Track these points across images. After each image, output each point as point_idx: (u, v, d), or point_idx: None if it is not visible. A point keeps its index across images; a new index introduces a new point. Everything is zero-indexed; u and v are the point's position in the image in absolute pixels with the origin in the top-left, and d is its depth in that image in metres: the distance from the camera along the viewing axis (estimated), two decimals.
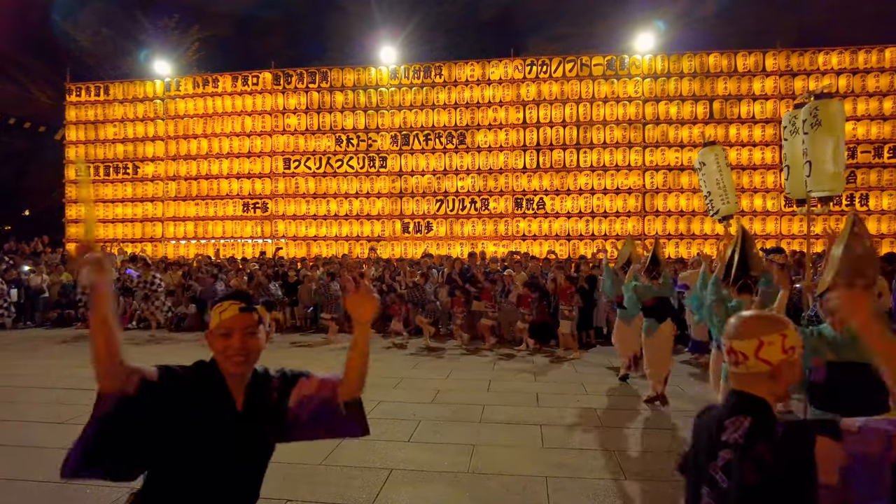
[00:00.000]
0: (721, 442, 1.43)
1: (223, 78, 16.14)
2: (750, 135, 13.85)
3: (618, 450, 5.01)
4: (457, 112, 14.95)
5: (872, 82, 13.58)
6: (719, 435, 1.44)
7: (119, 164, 16.45)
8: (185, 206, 16.19)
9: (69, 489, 4.15)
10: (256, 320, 1.79)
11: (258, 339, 1.79)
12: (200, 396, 1.74)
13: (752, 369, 1.47)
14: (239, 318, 1.76)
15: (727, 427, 1.43)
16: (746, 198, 13.68)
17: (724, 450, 1.42)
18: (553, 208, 14.58)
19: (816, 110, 4.92)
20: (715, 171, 6.53)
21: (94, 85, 16.87)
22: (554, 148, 14.55)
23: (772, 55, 13.93)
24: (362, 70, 15.49)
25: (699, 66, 14.18)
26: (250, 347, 1.76)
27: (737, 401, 1.49)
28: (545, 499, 4.03)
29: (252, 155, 15.82)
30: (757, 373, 1.47)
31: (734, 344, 1.50)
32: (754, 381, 1.48)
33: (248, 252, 15.48)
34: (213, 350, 1.78)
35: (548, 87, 14.65)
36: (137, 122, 16.44)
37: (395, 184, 15.22)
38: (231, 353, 1.73)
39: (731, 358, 1.51)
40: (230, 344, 1.73)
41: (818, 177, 4.99)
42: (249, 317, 1.78)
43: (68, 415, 5.72)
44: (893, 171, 13.46)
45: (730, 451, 1.40)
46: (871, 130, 13.55)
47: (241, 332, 1.74)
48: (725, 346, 1.54)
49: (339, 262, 13.27)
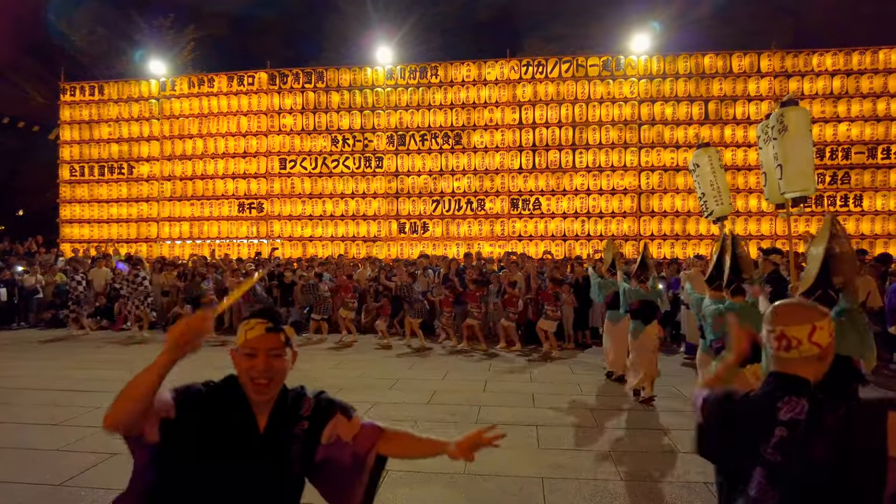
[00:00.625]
0: (778, 421, 1.51)
1: (219, 78, 16.09)
2: (745, 136, 13.90)
3: (614, 450, 5.03)
4: (453, 112, 14.95)
5: (866, 83, 13.66)
6: (772, 416, 1.52)
7: (114, 164, 16.38)
8: (181, 207, 16.14)
9: (64, 491, 4.14)
10: (283, 341, 1.71)
11: (284, 361, 1.71)
12: (220, 415, 1.66)
13: (805, 353, 1.57)
14: (265, 338, 1.68)
15: (781, 408, 1.52)
16: (741, 198, 13.74)
17: (778, 428, 1.50)
18: (549, 209, 14.60)
19: (783, 116, 5.13)
20: (709, 172, 6.56)
21: (89, 84, 16.79)
22: (550, 148, 14.57)
23: (767, 56, 13.99)
24: (358, 70, 15.47)
25: (694, 67, 14.23)
26: (275, 370, 1.68)
27: (783, 383, 1.58)
28: (541, 499, 4.04)
29: (248, 155, 15.78)
30: (809, 356, 1.57)
31: (787, 330, 1.58)
32: (804, 363, 1.58)
33: (244, 252, 15.44)
34: (237, 369, 1.71)
35: (544, 87, 14.67)
36: (132, 121, 16.37)
37: (392, 184, 15.21)
38: (255, 375, 1.66)
39: (781, 343, 1.59)
40: (254, 364, 1.65)
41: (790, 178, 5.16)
42: (276, 337, 1.69)
43: (62, 416, 5.69)
44: (887, 171, 13.54)
45: (785, 429, 1.49)
46: (865, 131, 13.63)
47: (265, 354, 1.67)
48: (775, 333, 1.60)
49: (336, 263, 13.26)
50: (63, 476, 4.37)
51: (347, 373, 8.21)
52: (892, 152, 13.55)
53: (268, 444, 1.70)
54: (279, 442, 1.71)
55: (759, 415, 1.56)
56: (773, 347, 1.61)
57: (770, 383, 1.62)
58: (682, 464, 4.72)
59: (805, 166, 5.19)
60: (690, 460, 4.78)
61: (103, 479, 4.34)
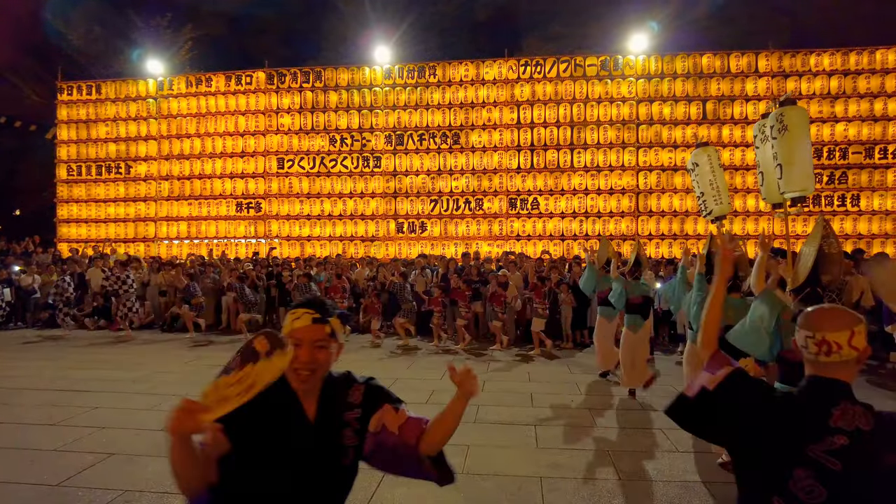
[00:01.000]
0: (830, 427, 1.54)
1: (216, 77, 16.06)
2: (743, 135, 13.92)
3: (612, 450, 5.04)
4: (451, 112, 14.95)
5: (864, 83, 13.69)
6: (824, 420, 1.56)
7: (111, 163, 16.35)
8: (178, 206, 16.12)
9: (62, 492, 4.13)
10: (328, 333, 1.70)
11: (329, 353, 1.71)
12: (266, 408, 1.63)
13: (845, 357, 1.60)
14: (310, 329, 1.67)
15: (835, 414, 1.55)
16: (739, 198, 13.77)
17: (836, 435, 1.53)
18: (547, 208, 14.61)
19: (782, 116, 5.13)
20: (708, 171, 6.56)
21: (86, 84, 16.75)
22: (548, 148, 14.58)
23: (764, 56, 14.01)
24: (356, 70, 15.46)
25: (692, 67, 14.25)
26: (319, 361, 1.68)
27: (828, 387, 1.62)
28: (540, 499, 4.04)
29: (245, 154, 15.76)
30: (848, 360, 1.61)
31: (828, 336, 1.61)
32: (843, 367, 1.62)
33: (242, 252, 15.42)
34: None
35: (542, 87, 14.68)
36: (130, 121, 16.35)
37: (390, 184, 15.20)
38: (298, 366, 1.65)
39: (822, 348, 1.61)
40: (298, 355, 1.64)
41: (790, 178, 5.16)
42: (321, 329, 1.69)
43: (61, 416, 5.67)
44: (884, 171, 13.57)
45: (846, 437, 1.52)
46: (863, 131, 13.66)
47: (310, 345, 1.66)
48: (816, 339, 1.63)
49: (334, 263, 13.26)
50: (61, 476, 4.36)
51: None
52: (890, 152, 13.58)
53: (320, 431, 1.70)
54: (331, 429, 1.71)
55: (808, 417, 1.59)
56: (814, 352, 1.63)
57: (811, 386, 1.65)
58: (680, 463, 4.72)
59: (805, 166, 5.21)
60: (688, 460, 4.79)
61: (101, 479, 4.33)
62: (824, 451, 1.52)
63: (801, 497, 1.54)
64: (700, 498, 4.05)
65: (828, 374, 1.62)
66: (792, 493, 1.55)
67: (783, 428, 1.61)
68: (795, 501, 1.55)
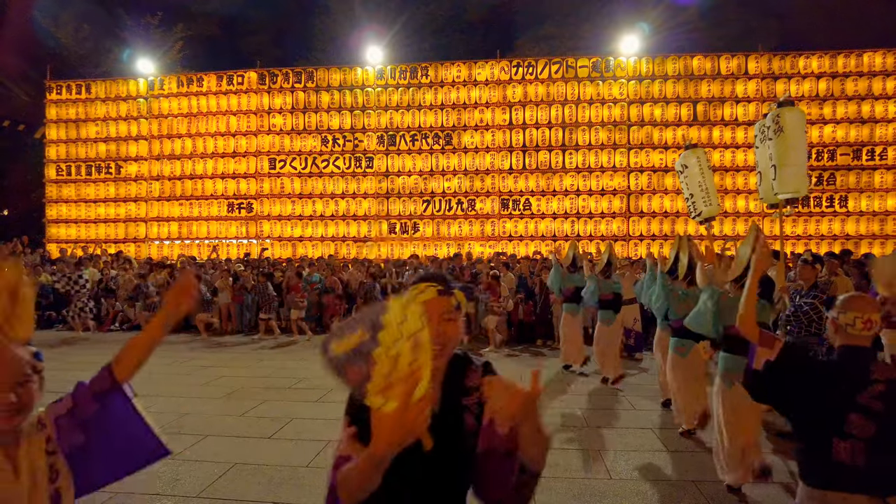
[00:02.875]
0: (872, 380, 2.11)
1: (208, 77, 15.99)
2: (733, 137, 14.04)
3: (602, 449, 5.06)
4: (443, 113, 14.97)
5: (851, 86, 13.84)
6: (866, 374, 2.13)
7: (101, 163, 16.23)
8: (169, 207, 16.03)
9: None
10: (455, 305, 1.61)
11: (458, 326, 1.61)
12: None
13: (874, 330, 2.21)
14: (437, 301, 1.57)
15: (873, 369, 2.14)
16: (729, 199, 13.87)
17: (876, 384, 2.10)
18: (539, 209, 14.66)
19: (779, 117, 5.16)
20: (697, 173, 6.62)
21: (76, 83, 16.63)
22: (540, 149, 14.63)
23: (754, 58, 14.14)
24: (348, 70, 15.45)
25: (683, 69, 14.35)
26: (449, 335, 1.58)
27: (863, 353, 2.22)
28: (532, 498, 4.05)
29: (237, 155, 15.70)
30: (874, 333, 2.23)
31: (873, 316, 2.21)
32: (870, 339, 2.23)
33: (234, 253, 15.36)
34: None
35: (534, 88, 14.73)
36: (120, 121, 16.24)
37: (382, 184, 15.20)
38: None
39: (867, 325, 2.20)
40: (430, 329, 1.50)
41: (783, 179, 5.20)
42: (447, 301, 1.60)
43: None
44: (872, 173, 13.73)
45: (884, 385, 2.09)
46: (851, 133, 13.81)
47: (438, 318, 1.56)
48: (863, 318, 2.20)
49: (326, 263, 13.23)
50: None
51: None
52: (877, 154, 13.75)
53: (443, 416, 1.56)
54: (454, 413, 1.60)
55: (855, 374, 2.15)
56: (860, 328, 2.20)
57: (850, 352, 2.22)
58: (671, 463, 4.76)
59: (799, 168, 5.24)
60: (680, 459, 4.82)
61: None
62: (870, 397, 2.09)
63: (855, 433, 2.08)
64: (691, 496, 4.09)
65: (861, 343, 2.21)
66: (847, 433, 2.09)
67: (837, 383, 2.16)
68: (851, 438, 2.08)
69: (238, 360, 9.22)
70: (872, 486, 2.08)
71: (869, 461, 2.07)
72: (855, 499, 2.08)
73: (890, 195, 13.65)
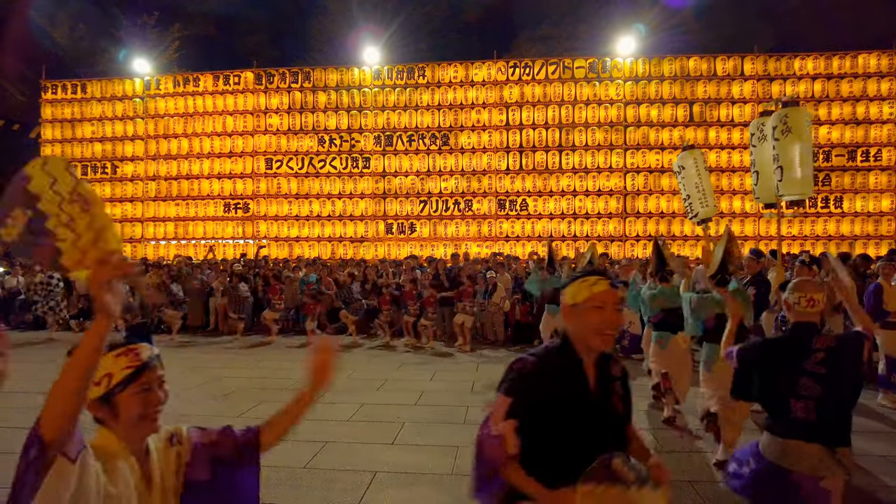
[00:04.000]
0: (815, 349, 2.50)
1: (204, 77, 15.96)
2: (729, 138, 14.09)
3: None
4: (440, 113, 14.97)
5: (846, 87, 13.91)
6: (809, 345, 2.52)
7: (97, 163, 16.18)
8: (166, 207, 15.98)
9: None
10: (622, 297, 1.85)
11: (622, 315, 1.84)
12: (557, 381, 1.73)
13: (818, 308, 2.59)
14: (611, 293, 1.76)
15: (816, 341, 2.53)
16: (725, 200, 13.92)
17: (817, 353, 2.50)
18: (536, 210, 14.68)
19: (786, 117, 5.12)
20: (694, 174, 6.63)
21: (71, 83, 16.56)
22: (536, 150, 14.65)
23: (750, 60, 14.19)
24: (345, 70, 15.44)
25: (679, 70, 14.39)
26: (618, 322, 1.79)
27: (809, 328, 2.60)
28: None
29: (234, 155, 15.67)
30: (819, 310, 2.61)
31: (814, 295, 2.58)
32: (816, 315, 2.61)
33: (230, 253, 15.33)
34: (578, 325, 1.76)
35: (530, 89, 14.75)
36: (116, 120, 16.19)
37: (379, 185, 15.19)
38: (604, 327, 1.72)
39: (810, 303, 2.58)
40: (605, 317, 1.73)
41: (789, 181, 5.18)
42: (617, 293, 1.79)
43: None
44: (866, 174, 13.80)
45: (824, 353, 2.49)
46: (845, 134, 13.88)
47: (613, 307, 1.75)
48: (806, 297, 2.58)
49: (322, 264, 13.21)
50: None
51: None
52: (872, 155, 13.82)
53: (599, 402, 1.78)
54: (607, 399, 1.80)
55: (801, 345, 2.55)
56: (804, 306, 2.58)
57: (798, 328, 2.62)
58: (667, 463, 4.76)
59: (806, 170, 5.22)
60: (676, 459, 4.84)
61: None
62: (814, 363, 2.49)
63: (806, 394, 2.48)
64: (689, 497, 4.10)
65: (808, 319, 2.61)
66: (800, 394, 2.48)
67: (788, 354, 2.57)
68: (804, 398, 2.48)
69: (236, 360, 9.22)
70: (823, 437, 2.47)
71: (819, 417, 2.47)
72: (809, 447, 2.47)
73: (884, 196, 13.72)
